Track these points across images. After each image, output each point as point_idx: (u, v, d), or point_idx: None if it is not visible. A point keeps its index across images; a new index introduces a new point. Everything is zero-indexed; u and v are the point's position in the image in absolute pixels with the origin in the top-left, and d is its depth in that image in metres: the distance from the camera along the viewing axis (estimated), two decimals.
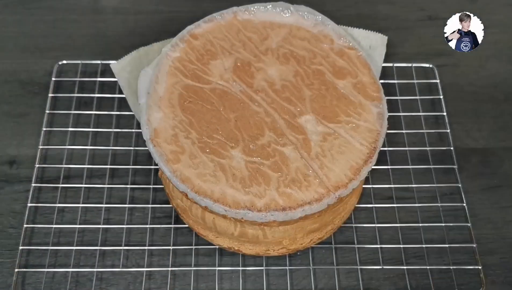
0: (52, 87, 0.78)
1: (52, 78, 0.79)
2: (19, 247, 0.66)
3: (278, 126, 0.60)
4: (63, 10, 0.89)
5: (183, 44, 0.66)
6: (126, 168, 0.72)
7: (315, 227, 0.62)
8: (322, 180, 0.56)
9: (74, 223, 0.68)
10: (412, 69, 0.81)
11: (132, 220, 0.69)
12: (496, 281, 0.66)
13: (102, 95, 0.78)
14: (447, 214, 0.70)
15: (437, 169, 0.73)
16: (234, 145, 0.59)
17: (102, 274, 0.65)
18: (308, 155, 0.58)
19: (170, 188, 0.66)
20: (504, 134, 0.78)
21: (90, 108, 0.77)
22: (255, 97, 0.62)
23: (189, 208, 0.63)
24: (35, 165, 0.71)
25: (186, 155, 0.58)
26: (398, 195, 0.71)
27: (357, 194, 0.68)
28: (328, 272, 0.66)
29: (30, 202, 0.69)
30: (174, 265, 0.66)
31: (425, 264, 0.66)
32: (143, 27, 0.88)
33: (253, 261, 0.67)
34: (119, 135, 0.75)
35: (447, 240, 0.68)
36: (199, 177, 0.57)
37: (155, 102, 0.61)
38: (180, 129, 0.60)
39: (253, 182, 0.56)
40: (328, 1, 0.92)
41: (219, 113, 0.61)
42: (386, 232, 0.69)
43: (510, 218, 0.71)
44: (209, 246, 0.67)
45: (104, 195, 0.70)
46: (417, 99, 0.79)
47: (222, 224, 0.61)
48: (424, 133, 0.76)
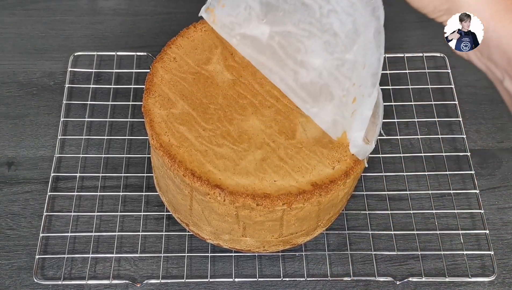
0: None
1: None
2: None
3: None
4: (61, 12, 0.89)
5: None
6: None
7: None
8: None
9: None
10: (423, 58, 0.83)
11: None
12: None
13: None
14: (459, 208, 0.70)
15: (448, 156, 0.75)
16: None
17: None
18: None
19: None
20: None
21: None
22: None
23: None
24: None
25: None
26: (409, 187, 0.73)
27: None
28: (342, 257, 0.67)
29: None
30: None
31: (439, 249, 0.67)
32: (141, 28, 0.87)
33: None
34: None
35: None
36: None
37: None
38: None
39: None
40: None
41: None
42: (399, 220, 0.70)
43: (508, 219, 0.71)
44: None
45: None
46: (429, 88, 0.80)
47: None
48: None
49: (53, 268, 0.65)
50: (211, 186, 0.55)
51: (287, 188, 0.55)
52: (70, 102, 0.78)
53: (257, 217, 0.57)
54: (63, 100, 0.77)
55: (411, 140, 0.76)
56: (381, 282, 0.65)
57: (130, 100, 0.78)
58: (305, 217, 0.60)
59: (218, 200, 0.55)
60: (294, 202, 0.55)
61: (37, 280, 0.64)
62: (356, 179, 0.63)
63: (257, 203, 0.54)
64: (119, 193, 0.71)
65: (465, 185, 0.73)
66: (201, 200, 0.58)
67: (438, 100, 0.79)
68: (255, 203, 0.54)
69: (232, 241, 0.63)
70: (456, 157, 0.75)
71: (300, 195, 0.55)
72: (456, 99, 0.79)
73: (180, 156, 0.56)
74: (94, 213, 0.69)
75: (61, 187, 0.71)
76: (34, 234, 0.68)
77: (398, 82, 0.81)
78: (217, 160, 0.56)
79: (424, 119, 0.77)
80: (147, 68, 0.79)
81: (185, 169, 0.55)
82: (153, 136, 0.57)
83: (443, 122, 0.78)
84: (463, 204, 0.71)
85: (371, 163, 0.73)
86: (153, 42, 0.85)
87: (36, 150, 0.74)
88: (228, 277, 0.65)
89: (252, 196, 0.54)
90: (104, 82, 0.80)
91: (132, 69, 0.81)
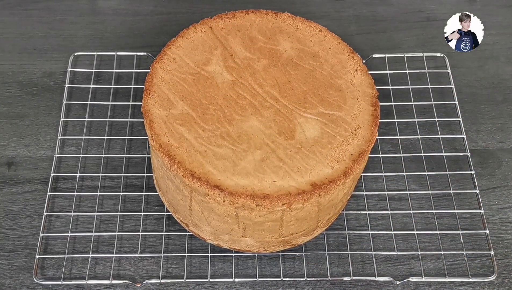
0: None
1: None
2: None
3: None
4: (61, 12, 0.89)
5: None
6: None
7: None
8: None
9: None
10: (423, 58, 0.83)
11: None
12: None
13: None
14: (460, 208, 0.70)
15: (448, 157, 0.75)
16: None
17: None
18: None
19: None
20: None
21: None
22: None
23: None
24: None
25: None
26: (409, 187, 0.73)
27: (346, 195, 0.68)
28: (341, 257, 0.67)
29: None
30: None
31: (439, 249, 0.67)
32: (141, 28, 0.87)
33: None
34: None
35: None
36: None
37: None
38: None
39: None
40: (327, 3, 0.92)
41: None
42: (399, 220, 0.70)
43: (508, 219, 0.71)
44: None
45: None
46: (428, 88, 0.80)
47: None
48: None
49: (53, 268, 0.66)
50: (210, 186, 0.55)
51: (287, 189, 0.55)
52: (70, 102, 0.78)
53: (256, 218, 0.57)
54: (63, 100, 0.77)
55: (411, 140, 0.76)
56: (381, 282, 0.65)
57: (130, 100, 0.78)
58: (304, 217, 0.60)
59: (217, 201, 0.55)
60: (294, 202, 0.55)
61: (37, 280, 0.64)
62: (355, 179, 0.63)
63: (257, 203, 0.54)
64: (119, 193, 0.71)
65: (465, 185, 0.73)
66: (200, 201, 0.58)
67: (438, 100, 0.79)
68: (254, 203, 0.54)
69: (232, 241, 0.63)
70: (456, 157, 0.75)
71: (300, 195, 0.55)
72: (456, 99, 0.78)
73: (179, 157, 0.56)
74: (94, 213, 0.69)
75: (61, 187, 0.71)
76: (34, 234, 0.68)
77: (398, 82, 0.81)
78: (216, 160, 0.56)
79: (424, 119, 0.77)
80: (147, 68, 0.79)
81: (184, 170, 0.55)
82: (152, 137, 0.57)
83: (443, 122, 0.78)
84: (463, 204, 0.71)
85: (371, 163, 0.73)
86: (153, 42, 0.85)
87: (36, 150, 0.75)
88: (228, 277, 0.65)
89: (251, 197, 0.54)
90: (104, 82, 0.80)
91: (132, 69, 0.81)
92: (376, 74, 0.80)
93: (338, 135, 0.59)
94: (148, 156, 0.74)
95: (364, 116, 0.61)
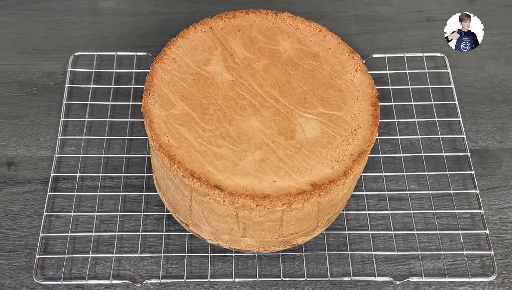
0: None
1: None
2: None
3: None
4: (61, 12, 0.89)
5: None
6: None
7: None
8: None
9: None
10: (423, 58, 0.83)
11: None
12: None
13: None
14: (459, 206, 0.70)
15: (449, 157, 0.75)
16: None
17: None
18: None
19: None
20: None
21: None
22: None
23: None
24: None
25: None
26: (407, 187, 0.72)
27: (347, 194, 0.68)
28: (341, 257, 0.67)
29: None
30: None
31: (439, 249, 0.67)
32: (141, 28, 0.88)
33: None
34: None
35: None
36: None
37: None
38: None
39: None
40: (326, 3, 0.92)
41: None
42: (399, 220, 0.70)
43: (508, 219, 0.71)
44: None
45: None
46: (428, 88, 0.80)
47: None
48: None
49: (53, 268, 0.66)
50: (210, 186, 0.55)
51: (287, 189, 0.55)
52: (70, 102, 0.78)
53: (256, 218, 0.57)
54: (63, 100, 0.77)
55: (411, 140, 0.76)
56: (381, 282, 0.66)
57: (130, 100, 0.78)
58: (304, 218, 0.60)
59: (217, 201, 0.55)
60: (294, 202, 0.55)
61: (37, 280, 0.64)
62: (355, 179, 0.63)
63: (257, 203, 0.54)
64: (119, 193, 0.71)
65: (465, 185, 0.73)
66: (200, 201, 0.58)
67: (438, 100, 0.79)
68: (254, 203, 0.54)
69: (232, 241, 0.63)
70: (456, 157, 0.75)
71: (300, 195, 0.55)
72: (456, 99, 0.78)
73: (179, 157, 0.56)
74: (94, 213, 0.69)
75: (61, 187, 0.71)
76: (34, 234, 0.68)
77: (398, 82, 0.81)
78: (216, 160, 0.56)
79: (424, 119, 0.77)
80: (147, 68, 0.79)
81: (184, 170, 0.55)
82: (152, 137, 0.58)
83: (443, 122, 0.78)
84: (463, 204, 0.71)
85: (371, 163, 0.73)
86: (153, 42, 0.86)
87: (36, 150, 0.75)
88: (228, 277, 0.65)
89: (251, 197, 0.54)
90: (104, 82, 0.80)
91: (132, 69, 0.81)
92: (376, 74, 0.80)
93: (338, 135, 0.59)
94: (148, 156, 0.74)
95: (364, 116, 0.61)
